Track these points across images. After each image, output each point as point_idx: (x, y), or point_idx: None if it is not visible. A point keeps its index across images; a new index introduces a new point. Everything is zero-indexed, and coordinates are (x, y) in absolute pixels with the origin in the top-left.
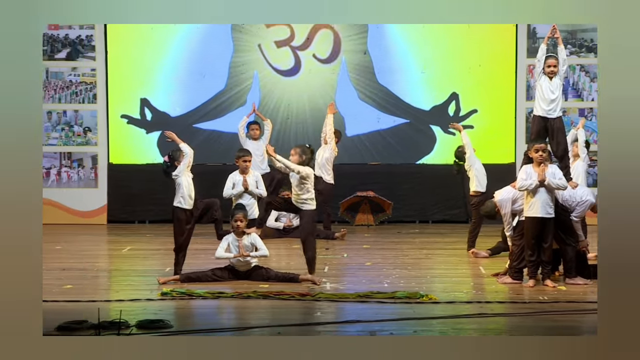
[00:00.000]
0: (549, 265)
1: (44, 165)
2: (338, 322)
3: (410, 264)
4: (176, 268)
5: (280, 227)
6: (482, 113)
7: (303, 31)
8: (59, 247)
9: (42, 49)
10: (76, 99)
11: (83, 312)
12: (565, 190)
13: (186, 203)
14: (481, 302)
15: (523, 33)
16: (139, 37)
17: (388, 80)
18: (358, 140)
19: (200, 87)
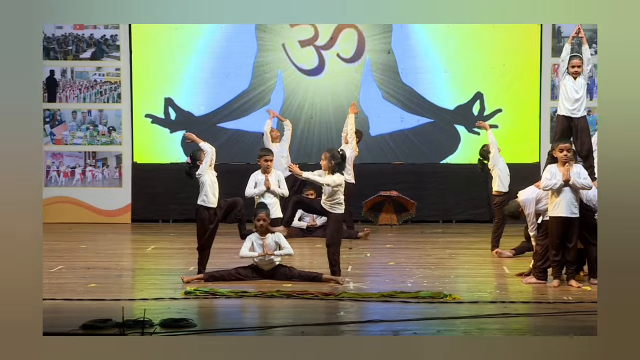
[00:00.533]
0: (573, 265)
1: (69, 165)
2: (361, 321)
3: (434, 264)
4: (200, 267)
5: (303, 227)
6: (506, 112)
7: (327, 31)
8: (83, 246)
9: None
10: (101, 99)
11: (107, 310)
12: (590, 190)
13: (210, 201)
14: (505, 302)
15: (548, 32)
16: (164, 37)
17: (412, 80)
18: (382, 139)
19: (224, 87)
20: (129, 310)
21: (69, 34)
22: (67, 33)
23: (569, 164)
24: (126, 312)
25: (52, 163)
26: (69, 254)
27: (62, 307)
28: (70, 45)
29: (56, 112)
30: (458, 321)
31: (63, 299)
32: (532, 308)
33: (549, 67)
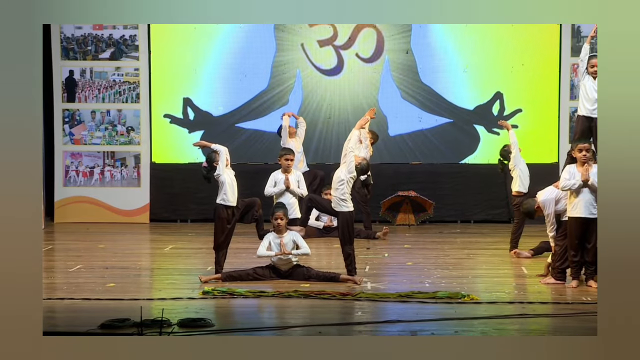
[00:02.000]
0: (592, 265)
1: (88, 165)
2: (379, 321)
3: (452, 264)
4: (217, 267)
5: (320, 227)
6: (525, 112)
7: (346, 30)
8: (102, 245)
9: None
10: (119, 99)
11: (126, 310)
12: None
13: (229, 200)
14: (523, 302)
15: (567, 32)
16: (182, 37)
17: (431, 80)
18: (400, 139)
19: (243, 87)
20: (147, 310)
21: (88, 34)
22: (86, 33)
23: (588, 164)
24: (144, 311)
25: (71, 163)
26: (87, 254)
27: (80, 307)
28: (90, 46)
29: (75, 112)
30: (476, 322)
31: (82, 299)
32: (551, 309)
33: (569, 67)
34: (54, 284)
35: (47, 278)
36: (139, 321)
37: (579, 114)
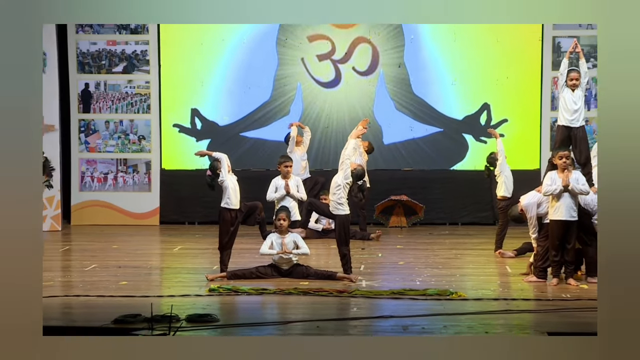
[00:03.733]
0: (571, 265)
1: (102, 171)
2: (373, 317)
3: (441, 264)
4: (222, 266)
5: (319, 229)
6: (509, 122)
7: (343, 45)
8: (115, 246)
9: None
10: (131, 109)
11: (137, 306)
12: (588, 195)
13: (232, 204)
14: (507, 299)
15: (548, 47)
16: (190, 52)
17: (423, 92)
18: (394, 147)
19: (247, 98)
20: (157, 306)
21: (102, 49)
22: (100, 49)
23: (568, 171)
24: (155, 307)
25: (87, 169)
26: (102, 254)
27: (95, 303)
28: (104, 60)
29: (90, 122)
30: (463, 317)
31: (96, 295)
32: (533, 305)
33: (549, 80)
34: (71, 282)
35: (64, 277)
36: (149, 316)
37: (559, 123)
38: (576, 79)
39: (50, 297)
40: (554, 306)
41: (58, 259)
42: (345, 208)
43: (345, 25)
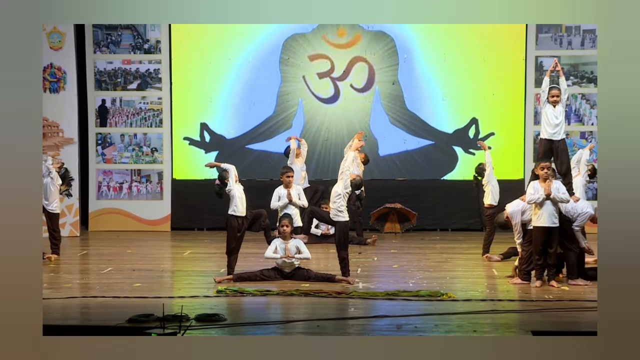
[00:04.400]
0: (553, 268)
1: (117, 181)
2: (368, 317)
3: (432, 267)
4: (229, 269)
5: (318, 234)
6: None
7: (342, 64)
8: (129, 250)
9: (117, 80)
10: (145, 124)
11: (150, 307)
12: (568, 203)
13: (239, 211)
14: (494, 300)
15: (531, 66)
16: (200, 71)
17: (415, 107)
18: (389, 159)
19: (252, 113)
20: (169, 307)
21: (118, 68)
22: (116, 67)
23: (550, 180)
24: (166, 308)
25: (103, 179)
26: (117, 258)
27: (111, 303)
28: (119, 78)
29: (107, 136)
30: (453, 317)
31: (112, 297)
32: (518, 305)
33: (532, 96)
34: (89, 284)
35: (82, 279)
36: (161, 316)
37: (541, 137)
38: (557, 96)
39: (69, 298)
40: (537, 306)
41: (76, 263)
42: (344, 215)
43: (343, 45)
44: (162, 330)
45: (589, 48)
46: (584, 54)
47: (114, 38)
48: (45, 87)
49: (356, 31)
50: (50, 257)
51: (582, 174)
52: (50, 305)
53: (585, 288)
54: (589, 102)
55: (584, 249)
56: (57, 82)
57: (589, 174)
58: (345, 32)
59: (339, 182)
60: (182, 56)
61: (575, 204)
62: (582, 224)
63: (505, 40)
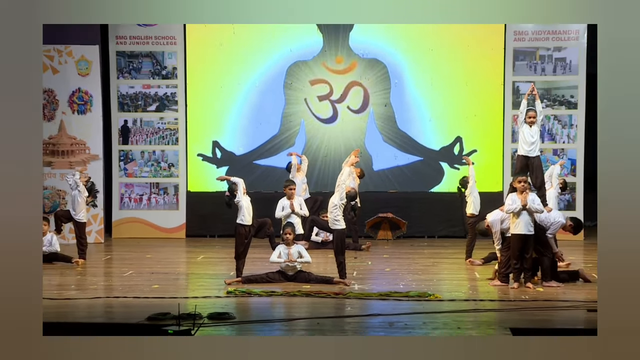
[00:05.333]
0: (529, 271)
1: (138, 193)
2: (363, 315)
3: (421, 270)
4: (238, 272)
5: (319, 241)
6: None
7: (339, 88)
8: (148, 255)
9: (138, 103)
10: (163, 142)
11: (167, 306)
12: (542, 213)
13: (246, 220)
14: (476, 300)
15: (509, 90)
16: (211, 93)
17: (406, 127)
18: (382, 173)
19: (259, 132)
20: (184, 306)
21: (138, 92)
22: (137, 91)
23: (526, 193)
24: (181, 307)
25: (125, 191)
26: (137, 262)
27: (132, 303)
28: (140, 101)
29: (128, 152)
30: (439, 315)
31: (133, 297)
32: (498, 305)
33: (510, 117)
34: (112, 285)
35: (106, 281)
36: (177, 314)
37: (518, 153)
38: (533, 117)
39: (95, 298)
40: (515, 306)
41: (101, 267)
42: (341, 223)
43: (341, 71)
44: (178, 327)
45: (561, 74)
46: (556, 80)
47: (135, 65)
48: (74, 109)
49: (352, 59)
50: (78, 262)
51: (555, 187)
52: (77, 304)
53: (557, 289)
54: (560, 123)
55: (556, 254)
56: (84, 104)
57: (561, 187)
58: (342, 60)
59: (335, 194)
60: (196, 81)
61: (548, 214)
62: (555, 231)
63: (486, 67)
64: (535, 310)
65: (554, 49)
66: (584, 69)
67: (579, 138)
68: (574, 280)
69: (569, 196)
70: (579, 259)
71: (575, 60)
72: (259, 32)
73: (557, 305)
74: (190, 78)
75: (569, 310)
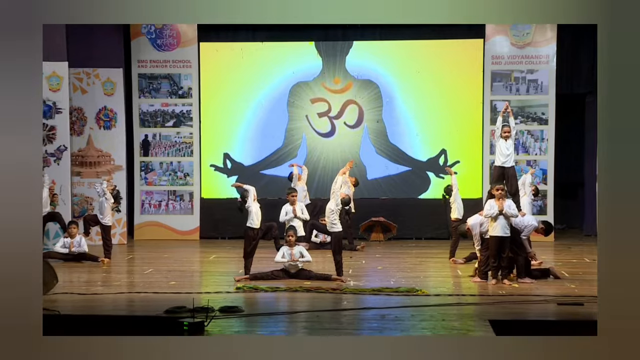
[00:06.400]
0: (506, 269)
1: (157, 199)
2: (358, 308)
3: (409, 268)
4: (246, 270)
5: (318, 242)
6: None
7: (337, 105)
8: (166, 255)
9: (157, 119)
10: (179, 154)
11: (183, 300)
12: (517, 217)
13: (254, 224)
14: (459, 295)
15: (487, 108)
16: (223, 111)
17: (396, 140)
18: (375, 182)
19: (265, 145)
20: (198, 300)
21: (158, 109)
22: (156, 109)
23: (502, 199)
24: (196, 301)
25: (145, 198)
26: (156, 261)
27: (152, 298)
28: (159, 117)
29: (148, 163)
30: (426, 308)
31: (152, 292)
32: (478, 299)
33: (488, 132)
34: (134, 282)
35: (129, 278)
36: (192, 308)
37: (495, 164)
38: (508, 132)
39: (118, 293)
40: (493, 300)
41: (124, 265)
42: (338, 227)
43: (338, 91)
44: (193, 319)
45: (533, 94)
46: (528, 99)
47: (154, 86)
48: (100, 125)
49: (348, 80)
50: (104, 261)
51: (528, 194)
52: (103, 299)
53: (531, 285)
54: (533, 137)
55: (529, 254)
56: (110, 121)
57: (533, 194)
58: (339, 80)
59: (331, 200)
60: (209, 100)
61: (522, 218)
62: (528, 234)
63: (467, 87)
64: (511, 304)
65: (527, 72)
66: (554, 89)
67: (550, 150)
68: (545, 277)
69: (540, 202)
70: (550, 258)
71: (546, 81)
72: (265, 55)
73: (530, 300)
74: (204, 97)
75: (541, 304)
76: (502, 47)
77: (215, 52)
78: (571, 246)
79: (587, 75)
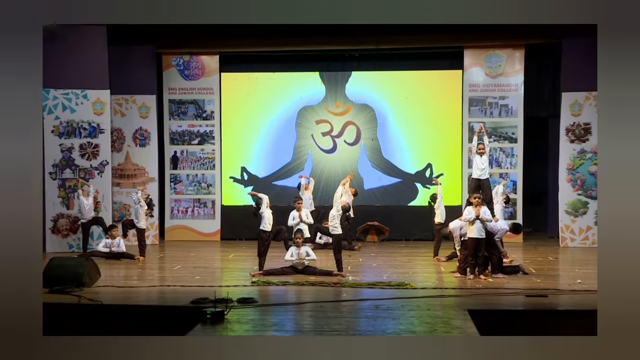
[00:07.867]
0: (482, 266)
1: (184, 206)
2: (356, 299)
3: (399, 265)
4: (260, 267)
5: (321, 243)
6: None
7: (338, 126)
8: (192, 254)
9: (185, 138)
10: (203, 167)
11: (206, 292)
12: (491, 222)
13: (267, 227)
14: (442, 288)
15: (465, 128)
16: (241, 131)
17: (389, 156)
18: (371, 191)
19: (276, 160)
20: (219, 293)
21: (185, 129)
22: (184, 129)
23: (479, 206)
24: (217, 293)
25: (174, 205)
26: (184, 259)
27: (179, 290)
28: (186, 137)
29: (177, 176)
30: (414, 299)
31: (180, 285)
32: (458, 292)
33: (466, 148)
34: (165, 277)
35: (160, 273)
36: (214, 299)
37: (472, 176)
38: (482, 149)
39: (151, 286)
40: (471, 292)
41: (156, 262)
42: (339, 230)
43: (339, 113)
44: (214, 309)
45: (504, 117)
46: (500, 121)
47: (182, 109)
48: (136, 143)
49: (348, 104)
50: (139, 259)
51: (500, 202)
52: (138, 291)
53: (503, 280)
54: (504, 153)
55: (502, 253)
56: (144, 139)
57: (505, 202)
58: (340, 105)
59: (333, 207)
60: (229, 122)
61: (495, 223)
62: (501, 236)
63: (448, 111)
64: (486, 296)
65: (499, 98)
66: (522, 112)
67: (519, 165)
68: (515, 273)
69: (511, 209)
70: (519, 257)
71: (515, 106)
72: (277, 84)
73: (503, 292)
74: (224, 119)
75: (512, 295)
76: (478, 77)
77: (234, 80)
78: (537, 246)
79: (549, 102)
